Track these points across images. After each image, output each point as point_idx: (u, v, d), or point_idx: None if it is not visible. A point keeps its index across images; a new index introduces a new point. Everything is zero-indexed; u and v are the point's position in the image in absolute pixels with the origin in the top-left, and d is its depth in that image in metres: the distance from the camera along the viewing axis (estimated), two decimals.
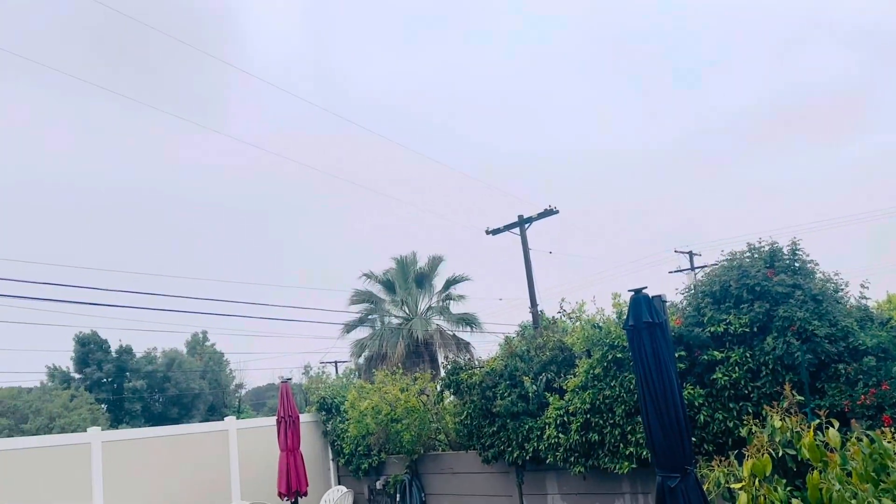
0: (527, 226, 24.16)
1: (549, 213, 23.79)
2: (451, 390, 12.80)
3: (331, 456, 15.67)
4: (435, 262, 25.61)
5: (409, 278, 25.43)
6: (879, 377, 8.41)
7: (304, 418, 14.86)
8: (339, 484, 15.35)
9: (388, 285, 25.69)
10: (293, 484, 11.93)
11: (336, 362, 35.33)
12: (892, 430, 7.58)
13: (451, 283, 25.37)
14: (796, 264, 9.20)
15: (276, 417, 12.61)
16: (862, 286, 9.55)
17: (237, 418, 14.61)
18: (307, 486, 12.18)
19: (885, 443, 7.16)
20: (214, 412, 47.89)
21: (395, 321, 25.56)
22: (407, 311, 25.53)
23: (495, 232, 24.88)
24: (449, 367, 12.94)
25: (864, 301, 9.57)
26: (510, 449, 11.30)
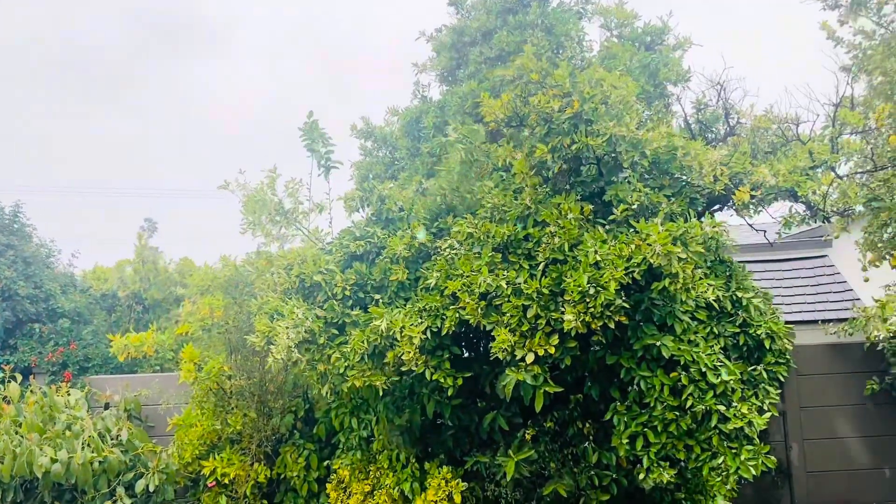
0: None
1: None
2: None
3: None
4: None
5: None
6: (70, 338, 9.48)
7: None
8: None
9: None
10: None
11: None
12: (70, 384, 8.70)
13: None
14: (15, 226, 9.50)
15: None
16: (73, 255, 10.56)
17: None
18: None
19: (56, 396, 8.16)
20: None
21: None
22: None
23: None
24: None
25: (72, 269, 10.59)
26: None
